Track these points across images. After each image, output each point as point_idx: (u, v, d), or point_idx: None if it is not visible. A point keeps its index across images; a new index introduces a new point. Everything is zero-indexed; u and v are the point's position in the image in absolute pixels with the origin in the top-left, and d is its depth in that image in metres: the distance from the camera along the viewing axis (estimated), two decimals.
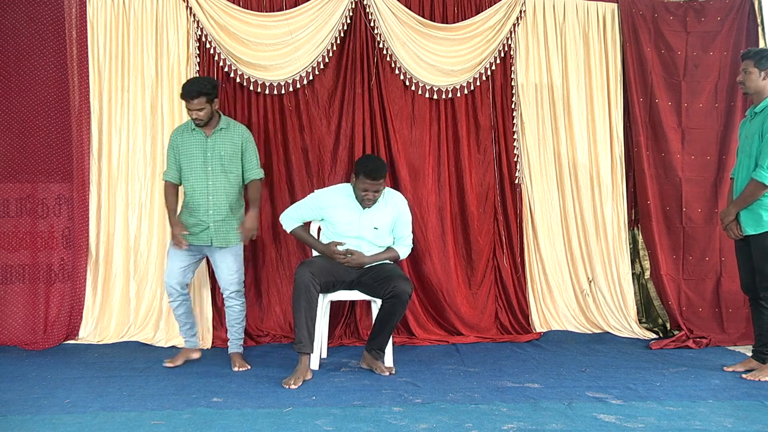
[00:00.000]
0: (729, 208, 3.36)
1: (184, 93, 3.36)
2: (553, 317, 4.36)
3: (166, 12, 4.05)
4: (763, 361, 3.42)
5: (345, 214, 3.45)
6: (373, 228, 3.44)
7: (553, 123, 4.39)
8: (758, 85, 3.33)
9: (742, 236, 3.31)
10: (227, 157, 3.45)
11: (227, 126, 3.49)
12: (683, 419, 2.67)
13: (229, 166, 3.46)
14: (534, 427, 2.57)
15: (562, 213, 4.40)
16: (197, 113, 3.37)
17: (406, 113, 4.28)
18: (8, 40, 3.97)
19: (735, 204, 3.30)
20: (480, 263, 4.32)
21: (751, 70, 3.33)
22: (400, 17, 4.18)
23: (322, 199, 3.51)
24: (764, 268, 3.29)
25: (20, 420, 2.66)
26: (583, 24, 4.42)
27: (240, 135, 3.50)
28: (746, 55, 3.40)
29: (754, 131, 3.31)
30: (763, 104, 3.31)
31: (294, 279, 3.27)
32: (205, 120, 3.41)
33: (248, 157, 3.51)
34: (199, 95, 3.33)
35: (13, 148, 3.99)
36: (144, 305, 4.08)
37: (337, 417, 2.67)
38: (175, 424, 2.59)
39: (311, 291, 3.22)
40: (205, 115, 3.39)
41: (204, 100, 3.35)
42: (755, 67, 3.32)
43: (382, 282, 3.35)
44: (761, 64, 3.30)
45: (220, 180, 3.45)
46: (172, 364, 3.49)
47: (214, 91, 3.42)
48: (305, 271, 3.25)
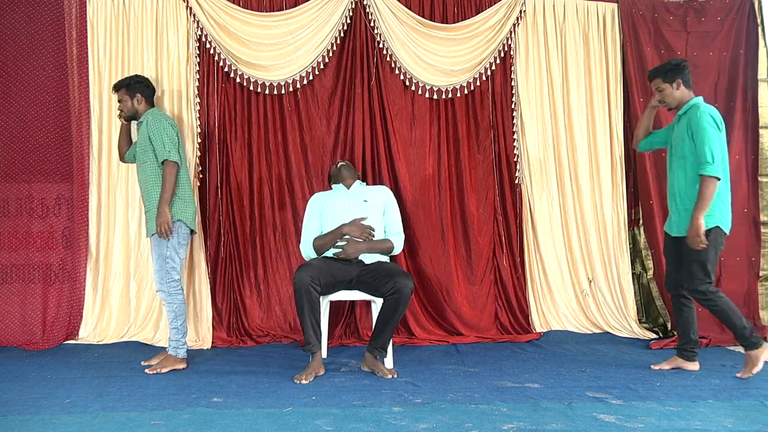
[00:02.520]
0: (694, 220, 3.20)
1: (112, 88, 3.68)
2: (553, 317, 4.36)
3: (166, 12, 4.05)
4: (688, 359, 3.46)
5: (335, 200, 3.63)
6: (363, 201, 3.58)
7: (553, 123, 4.38)
8: (675, 97, 3.40)
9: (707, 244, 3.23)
10: (141, 148, 3.52)
11: (143, 119, 3.56)
12: (683, 419, 2.67)
13: (143, 156, 3.51)
14: (534, 427, 2.57)
15: (562, 213, 4.40)
16: (120, 105, 3.63)
17: (405, 113, 4.28)
18: (8, 40, 3.97)
19: (698, 209, 3.20)
20: (480, 263, 4.32)
21: (663, 87, 3.40)
22: (400, 17, 4.18)
23: (315, 202, 3.70)
24: (693, 267, 3.29)
25: (20, 420, 2.66)
26: (583, 24, 4.42)
27: (146, 123, 3.52)
28: (651, 75, 3.47)
29: (682, 133, 3.34)
30: (686, 107, 3.37)
31: (294, 284, 3.29)
32: (126, 114, 3.62)
33: (154, 143, 3.47)
34: (120, 88, 3.58)
35: (12, 148, 3.99)
36: (144, 305, 4.08)
37: (337, 417, 2.67)
38: (175, 424, 2.59)
39: (312, 293, 3.26)
40: (125, 109, 3.60)
41: (124, 93, 3.57)
42: (665, 83, 3.39)
43: (383, 279, 3.36)
44: (668, 77, 3.38)
45: (141, 171, 3.54)
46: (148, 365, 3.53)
47: (135, 85, 3.59)
48: (303, 274, 3.28)
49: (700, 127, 3.21)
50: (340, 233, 3.52)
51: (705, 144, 3.19)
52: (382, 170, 4.21)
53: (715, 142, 3.21)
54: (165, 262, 3.44)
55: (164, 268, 3.44)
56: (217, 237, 4.14)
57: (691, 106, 3.35)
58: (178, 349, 3.48)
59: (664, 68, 3.41)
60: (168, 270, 3.44)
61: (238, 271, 4.15)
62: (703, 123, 3.21)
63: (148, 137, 3.47)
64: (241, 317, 4.14)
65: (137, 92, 3.58)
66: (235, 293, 4.16)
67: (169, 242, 3.44)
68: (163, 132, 3.45)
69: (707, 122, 3.22)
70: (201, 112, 4.08)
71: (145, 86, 3.62)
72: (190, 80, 4.04)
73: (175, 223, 3.46)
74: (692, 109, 3.33)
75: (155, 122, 3.48)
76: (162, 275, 3.45)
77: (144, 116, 3.56)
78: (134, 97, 3.57)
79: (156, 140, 3.45)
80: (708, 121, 3.22)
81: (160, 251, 3.45)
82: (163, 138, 3.44)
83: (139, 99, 3.58)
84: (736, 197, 4.34)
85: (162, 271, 3.45)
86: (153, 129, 3.46)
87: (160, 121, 3.49)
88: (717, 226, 3.27)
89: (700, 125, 3.22)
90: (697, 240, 3.19)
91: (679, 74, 3.37)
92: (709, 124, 3.22)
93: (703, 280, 3.28)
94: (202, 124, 4.08)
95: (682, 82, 3.38)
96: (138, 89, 3.58)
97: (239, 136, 4.15)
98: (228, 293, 4.16)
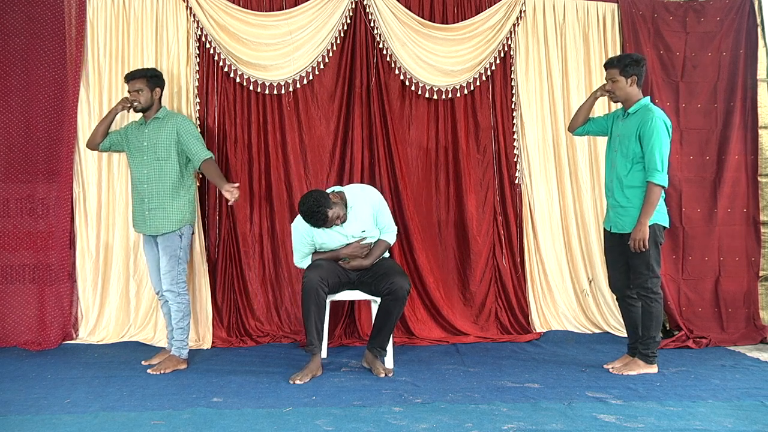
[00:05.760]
0: (640, 224, 3.25)
1: (126, 76, 3.56)
2: (553, 317, 4.35)
3: (166, 12, 4.05)
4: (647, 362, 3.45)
5: (331, 234, 3.43)
6: (360, 231, 3.46)
7: (553, 123, 4.38)
8: (626, 92, 3.40)
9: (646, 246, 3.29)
10: (161, 146, 3.49)
11: (164, 116, 3.54)
12: (683, 419, 2.67)
13: (161, 154, 3.49)
14: (534, 427, 2.57)
15: (562, 213, 4.40)
16: (135, 95, 3.49)
17: (405, 113, 4.28)
18: (8, 39, 3.97)
19: (644, 215, 3.25)
20: (479, 263, 4.32)
21: (618, 78, 3.40)
22: (400, 17, 4.18)
23: (304, 229, 3.41)
24: (638, 265, 3.33)
25: (20, 420, 2.66)
26: (583, 24, 4.42)
27: (174, 124, 3.51)
28: (610, 63, 3.45)
29: (629, 132, 3.35)
30: (636, 106, 3.37)
31: (303, 283, 3.29)
32: (143, 105, 3.51)
33: (189, 144, 3.49)
34: (138, 77, 3.49)
35: (13, 148, 3.98)
36: (144, 305, 4.08)
37: (337, 417, 2.67)
38: (175, 424, 2.59)
39: (320, 294, 3.27)
40: (144, 99, 3.50)
41: (144, 83, 3.48)
42: (621, 75, 3.39)
43: (380, 279, 3.38)
44: (626, 71, 3.37)
45: (153, 168, 3.49)
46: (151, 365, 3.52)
47: (156, 79, 3.54)
48: (314, 275, 3.28)
49: (653, 133, 3.24)
50: (339, 256, 3.46)
51: (656, 151, 3.24)
52: (381, 170, 4.20)
53: (665, 149, 3.27)
54: (177, 262, 3.47)
55: (176, 268, 3.47)
56: (217, 237, 4.14)
57: (642, 107, 3.37)
58: (182, 350, 3.49)
59: (624, 61, 3.39)
60: (179, 271, 3.48)
61: (238, 271, 4.15)
62: (658, 130, 3.25)
63: (174, 136, 3.48)
64: (241, 317, 4.14)
65: (157, 86, 3.55)
66: (235, 293, 4.16)
67: (181, 243, 3.48)
68: (197, 133, 3.56)
69: (661, 129, 3.26)
70: (201, 112, 4.08)
71: (162, 80, 3.61)
72: (190, 80, 4.04)
73: (187, 226, 3.52)
74: (644, 111, 3.34)
75: (187, 124, 3.55)
76: (174, 275, 3.45)
77: (163, 113, 3.55)
78: (154, 89, 3.53)
79: (192, 141, 3.49)
80: (662, 128, 3.27)
81: (172, 252, 3.46)
82: (199, 138, 3.54)
83: (157, 92, 3.55)
84: (736, 197, 4.37)
85: (174, 271, 3.46)
86: (186, 131, 3.50)
87: (191, 123, 3.58)
88: (656, 223, 3.33)
89: (654, 131, 3.24)
90: (642, 243, 3.24)
91: (637, 71, 3.38)
92: (663, 132, 3.26)
93: (648, 275, 3.33)
94: (201, 124, 4.08)
95: (637, 79, 3.39)
96: (158, 83, 3.56)
97: (239, 136, 4.15)
98: (228, 293, 4.16)
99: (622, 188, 3.38)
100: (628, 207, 3.35)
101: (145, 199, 3.51)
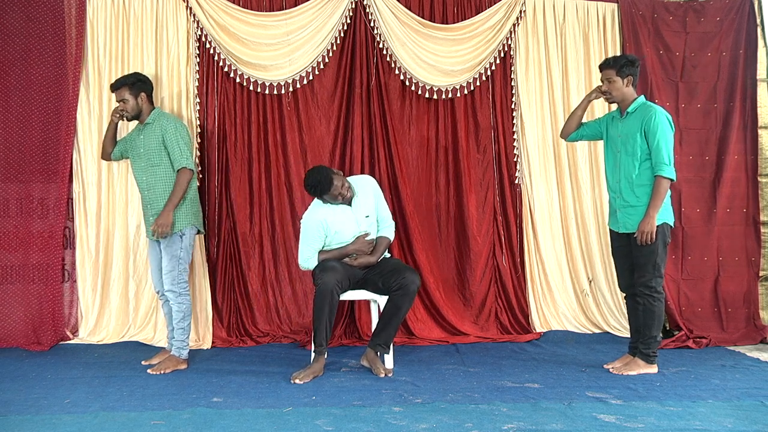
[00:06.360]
0: (648, 217, 3.26)
1: (111, 86, 3.56)
2: (553, 317, 4.35)
3: (166, 12, 4.05)
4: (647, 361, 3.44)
5: (342, 218, 3.46)
6: (365, 217, 3.50)
7: (553, 123, 4.38)
8: (623, 93, 3.41)
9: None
10: (149, 151, 3.48)
11: (153, 120, 3.52)
12: (683, 419, 2.67)
13: (153, 159, 3.48)
14: (534, 427, 2.57)
15: (562, 213, 4.40)
16: (122, 105, 3.49)
17: (405, 113, 4.28)
18: (8, 39, 3.96)
19: (653, 208, 3.26)
20: (479, 263, 4.32)
21: (614, 79, 3.40)
22: (400, 17, 4.18)
23: (317, 219, 3.44)
24: (644, 263, 3.34)
25: (20, 420, 2.66)
26: (583, 24, 4.42)
27: (161, 127, 3.48)
28: (606, 64, 3.46)
29: (632, 130, 3.35)
30: (635, 105, 3.38)
31: (317, 284, 3.30)
32: (131, 113, 3.52)
33: (170, 148, 3.46)
34: (120, 87, 3.47)
35: (12, 148, 3.98)
36: (143, 305, 4.08)
37: (337, 417, 2.67)
38: (175, 424, 2.59)
39: (335, 296, 3.27)
40: (130, 108, 3.50)
41: (127, 92, 3.47)
42: (617, 76, 3.39)
43: (389, 275, 3.38)
44: (622, 72, 3.38)
45: (148, 174, 3.49)
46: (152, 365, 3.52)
47: (139, 84, 3.51)
48: (330, 277, 3.27)
49: (658, 128, 3.26)
50: (346, 253, 3.49)
51: (662, 146, 3.26)
52: (381, 170, 4.21)
53: (671, 143, 3.30)
54: (178, 263, 3.47)
55: (177, 268, 3.46)
56: (217, 237, 4.14)
57: (641, 104, 3.38)
58: (182, 350, 3.49)
59: (620, 61, 3.40)
60: (180, 271, 3.47)
61: (238, 271, 4.15)
62: (662, 124, 3.27)
63: (161, 140, 3.46)
64: (241, 317, 4.14)
65: (141, 91, 3.53)
66: (235, 293, 4.16)
67: (182, 243, 3.47)
68: (180, 138, 3.48)
69: (665, 124, 3.29)
70: (201, 112, 4.08)
71: (146, 84, 3.59)
72: (190, 80, 4.04)
73: (188, 227, 3.51)
74: (644, 108, 3.35)
75: (172, 127, 3.48)
76: (174, 276, 3.45)
77: (153, 117, 3.53)
78: (138, 95, 3.52)
79: (173, 146, 3.45)
80: (665, 122, 3.29)
81: (173, 252, 3.46)
82: (181, 144, 3.47)
83: (143, 97, 3.54)
84: (735, 197, 4.37)
85: (174, 271, 3.46)
86: (170, 134, 3.45)
87: (177, 127, 3.51)
88: (665, 222, 3.34)
89: (659, 126, 3.26)
90: (649, 236, 3.25)
91: (632, 71, 3.39)
92: (667, 126, 3.29)
93: (654, 274, 3.34)
94: (201, 124, 4.08)
95: (632, 79, 3.40)
96: (141, 87, 3.54)
97: (239, 136, 4.15)
98: (228, 293, 4.16)
99: (632, 188, 3.37)
100: (638, 206, 3.35)
101: (147, 205, 3.53)
